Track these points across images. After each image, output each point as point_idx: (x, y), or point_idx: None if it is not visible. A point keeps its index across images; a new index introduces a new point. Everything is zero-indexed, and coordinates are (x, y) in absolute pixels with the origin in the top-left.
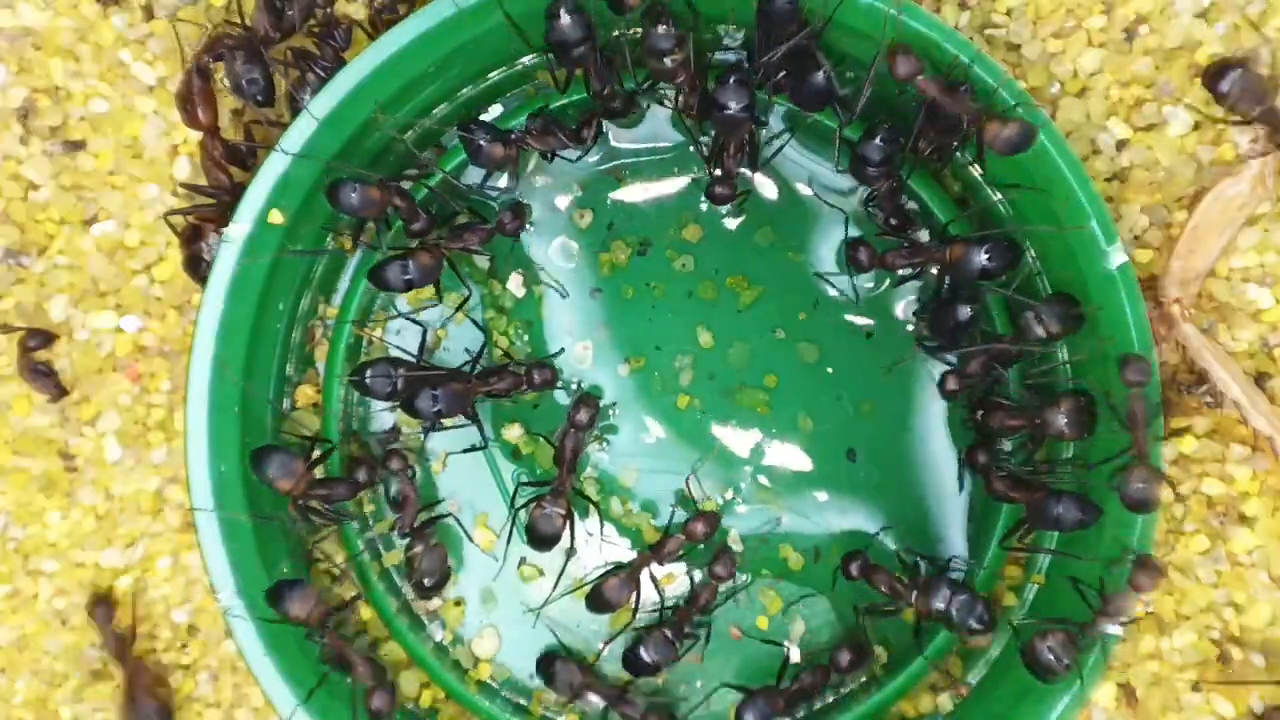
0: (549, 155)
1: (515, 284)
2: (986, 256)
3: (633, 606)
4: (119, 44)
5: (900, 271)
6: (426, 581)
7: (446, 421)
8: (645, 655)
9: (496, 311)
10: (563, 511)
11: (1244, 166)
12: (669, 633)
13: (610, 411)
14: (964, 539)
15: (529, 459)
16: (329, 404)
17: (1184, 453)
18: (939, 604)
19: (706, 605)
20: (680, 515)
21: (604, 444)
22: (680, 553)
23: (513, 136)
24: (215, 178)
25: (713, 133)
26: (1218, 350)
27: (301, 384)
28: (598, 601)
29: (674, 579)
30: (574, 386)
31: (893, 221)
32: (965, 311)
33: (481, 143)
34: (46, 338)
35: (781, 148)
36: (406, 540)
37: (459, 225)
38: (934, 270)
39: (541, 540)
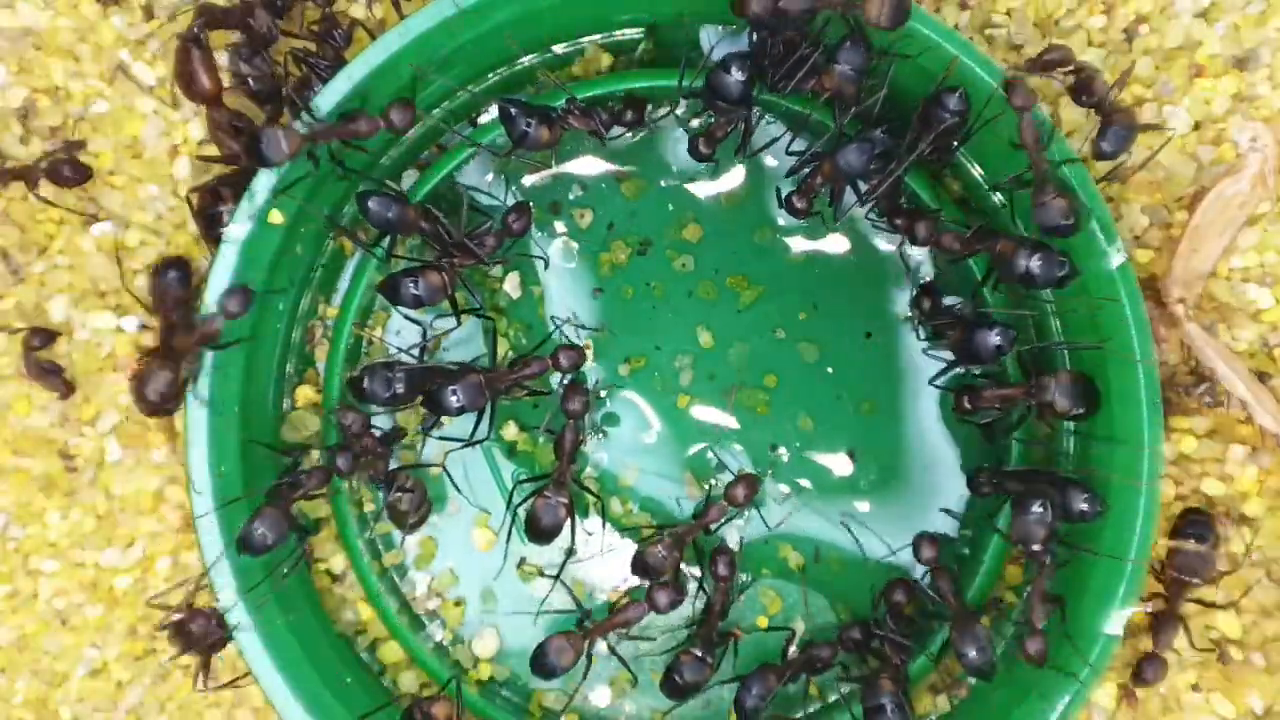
0: (602, 138)
1: (511, 284)
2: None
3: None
4: (119, 44)
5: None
6: (412, 519)
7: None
8: (684, 678)
9: (495, 313)
10: (565, 501)
11: (1244, 165)
12: (698, 651)
13: (603, 397)
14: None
15: (528, 457)
16: (329, 404)
17: (1184, 453)
18: (967, 649)
19: (724, 609)
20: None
21: (602, 436)
22: (724, 520)
23: (555, 116)
24: (226, 146)
25: (707, 113)
26: (1222, 349)
27: (301, 384)
28: (643, 567)
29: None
30: (560, 379)
31: (897, 222)
32: (997, 339)
33: (527, 126)
34: (49, 336)
35: (773, 142)
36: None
37: (468, 238)
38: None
39: (543, 532)
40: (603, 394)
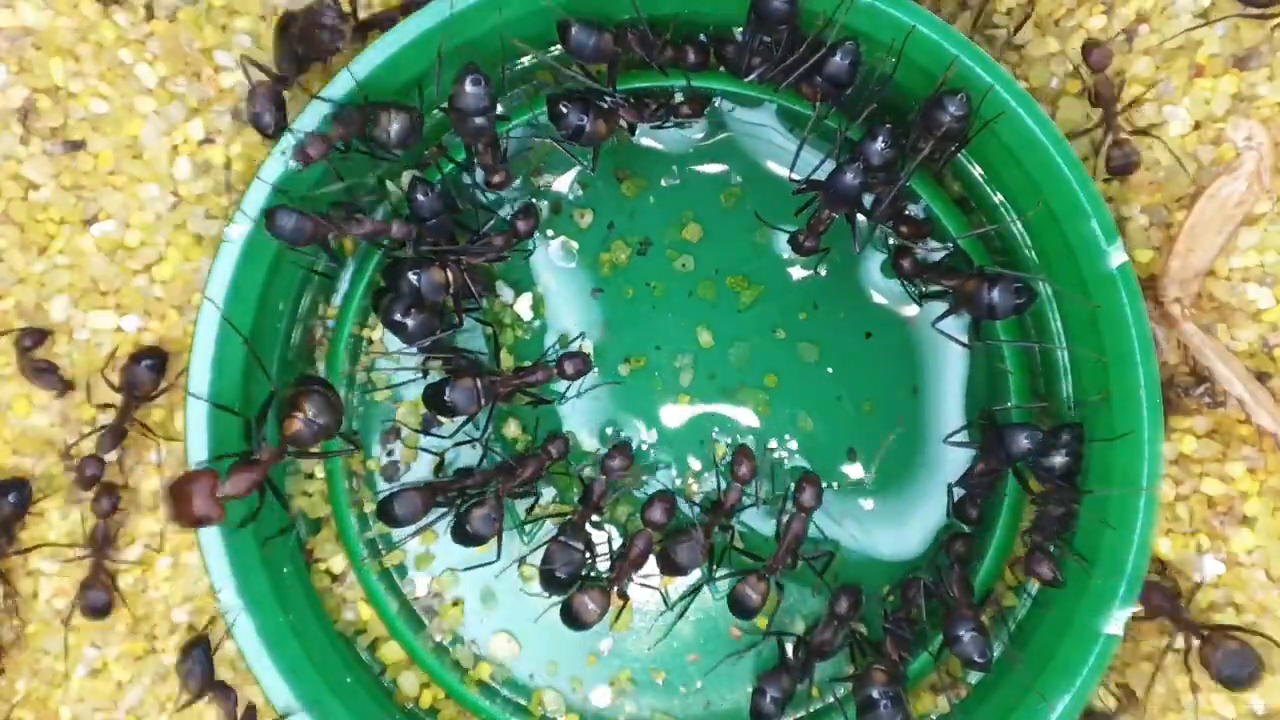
0: (633, 129)
1: (523, 305)
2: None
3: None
4: (119, 44)
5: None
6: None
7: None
8: (772, 697)
9: (498, 324)
10: (580, 546)
11: (1240, 164)
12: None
13: (649, 449)
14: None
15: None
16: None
17: (1184, 453)
18: (958, 632)
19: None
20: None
21: (643, 483)
22: (742, 503)
23: (608, 108)
24: None
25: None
26: (1219, 348)
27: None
28: (670, 565)
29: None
30: (608, 432)
31: (903, 229)
32: (1025, 441)
33: (581, 121)
34: (40, 335)
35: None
36: None
37: (475, 238)
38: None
39: (556, 580)
40: (644, 441)
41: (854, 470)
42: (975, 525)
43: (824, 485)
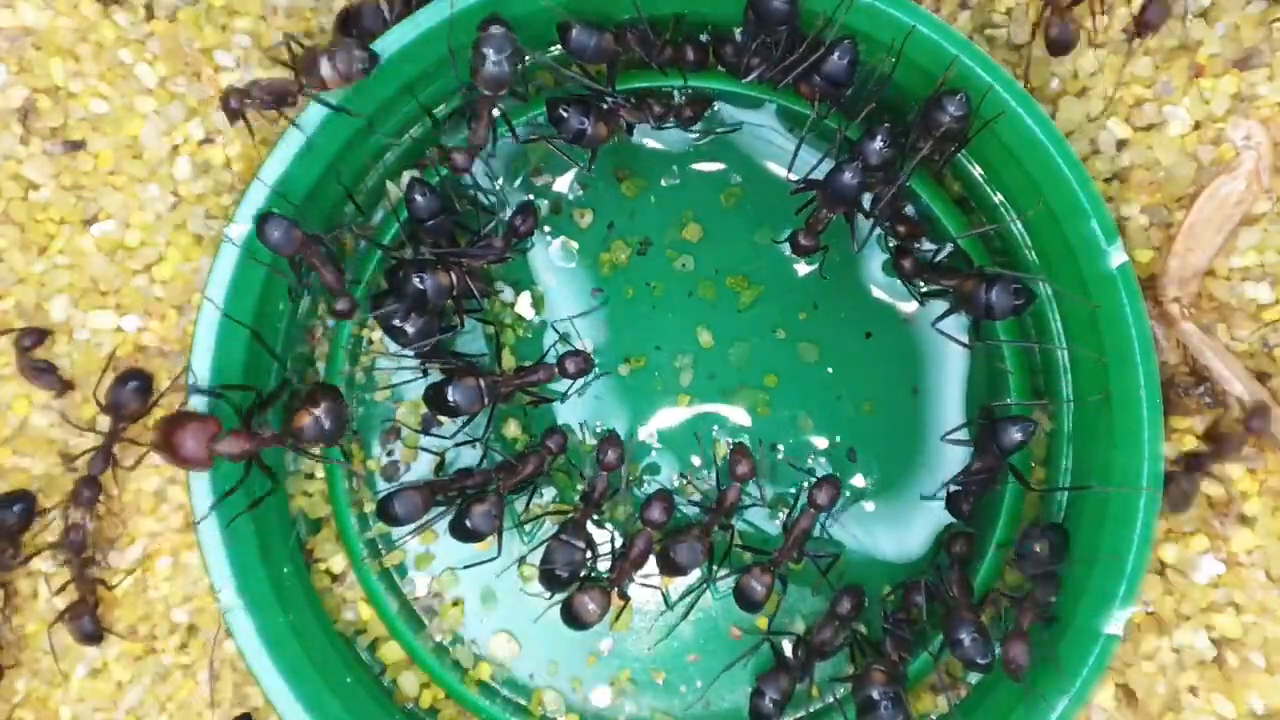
0: (631, 129)
1: (524, 304)
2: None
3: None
4: (119, 44)
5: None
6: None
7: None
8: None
9: (500, 325)
10: (582, 544)
11: (1239, 163)
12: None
13: (644, 443)
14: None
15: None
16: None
17: (1184, 452)
18: (959, 635)
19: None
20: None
21: (640, 486)
22: (742, 502)
23: (607, 109)
24: None
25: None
26: (1218, 347)
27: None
28: (670, 566)
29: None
30: (598, 428)
31: (900, 229)
32: (1017, 434)
33: (582, 124)
34: (40, 335)
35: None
36: None
37: (475, 240)
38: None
39: (556, 579)
40: (644, 440)
41: (857, 478)
42: (967, 520)
43: (841, 490)
